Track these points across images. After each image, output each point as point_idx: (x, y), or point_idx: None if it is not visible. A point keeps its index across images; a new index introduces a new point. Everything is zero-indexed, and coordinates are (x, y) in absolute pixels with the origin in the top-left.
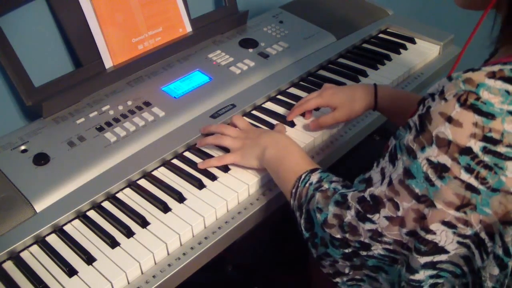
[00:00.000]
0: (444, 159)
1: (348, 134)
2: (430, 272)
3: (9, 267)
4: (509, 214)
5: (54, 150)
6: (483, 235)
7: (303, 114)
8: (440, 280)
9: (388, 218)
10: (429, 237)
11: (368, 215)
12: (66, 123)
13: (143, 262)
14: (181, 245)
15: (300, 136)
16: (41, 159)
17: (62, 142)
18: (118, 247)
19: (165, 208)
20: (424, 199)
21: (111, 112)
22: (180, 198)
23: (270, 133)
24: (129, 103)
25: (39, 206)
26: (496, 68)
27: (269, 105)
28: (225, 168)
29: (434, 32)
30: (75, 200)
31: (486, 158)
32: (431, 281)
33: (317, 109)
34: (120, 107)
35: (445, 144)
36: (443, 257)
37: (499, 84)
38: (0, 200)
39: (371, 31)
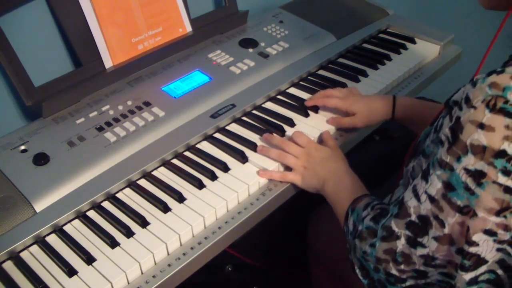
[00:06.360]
0: (481, 165)
1: (349, 134)
2: None
3: (9, 267)
4: None
5: (54, 150)
6: None
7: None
8: None
9: (436, 238)
10: (473, 249)
11: (418, 239)
12: (66, 123)
13: (143, 262)
14: (181, 245)
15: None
16: (41, 159)
17: (62, 142)
18: (118, 247)
19: (165, 208)
20: (467, 210)
21: (111, 112)
22: (180, 198)
23: (328, 163)
24: (129, 103)
25: (39, 206)
26: None
27: (269, 105)
28: (225, 168)
29: (434, 32)
30: (75, 200)
31: None
32: None
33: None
34: (120, 107)
35: (480, 151)
36: (483, 268)
37: None
38: (0, 200)
39: (371, 31)
